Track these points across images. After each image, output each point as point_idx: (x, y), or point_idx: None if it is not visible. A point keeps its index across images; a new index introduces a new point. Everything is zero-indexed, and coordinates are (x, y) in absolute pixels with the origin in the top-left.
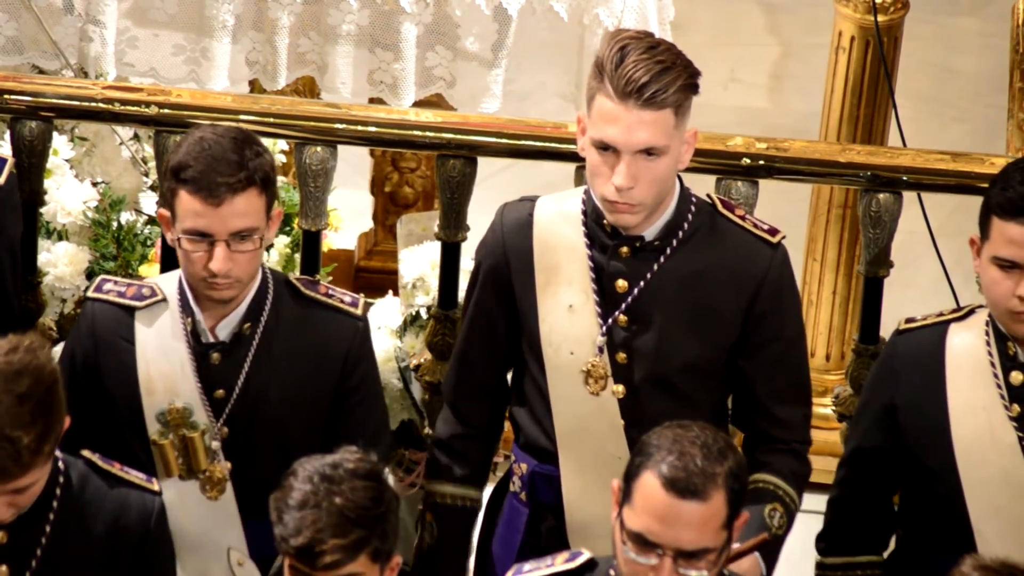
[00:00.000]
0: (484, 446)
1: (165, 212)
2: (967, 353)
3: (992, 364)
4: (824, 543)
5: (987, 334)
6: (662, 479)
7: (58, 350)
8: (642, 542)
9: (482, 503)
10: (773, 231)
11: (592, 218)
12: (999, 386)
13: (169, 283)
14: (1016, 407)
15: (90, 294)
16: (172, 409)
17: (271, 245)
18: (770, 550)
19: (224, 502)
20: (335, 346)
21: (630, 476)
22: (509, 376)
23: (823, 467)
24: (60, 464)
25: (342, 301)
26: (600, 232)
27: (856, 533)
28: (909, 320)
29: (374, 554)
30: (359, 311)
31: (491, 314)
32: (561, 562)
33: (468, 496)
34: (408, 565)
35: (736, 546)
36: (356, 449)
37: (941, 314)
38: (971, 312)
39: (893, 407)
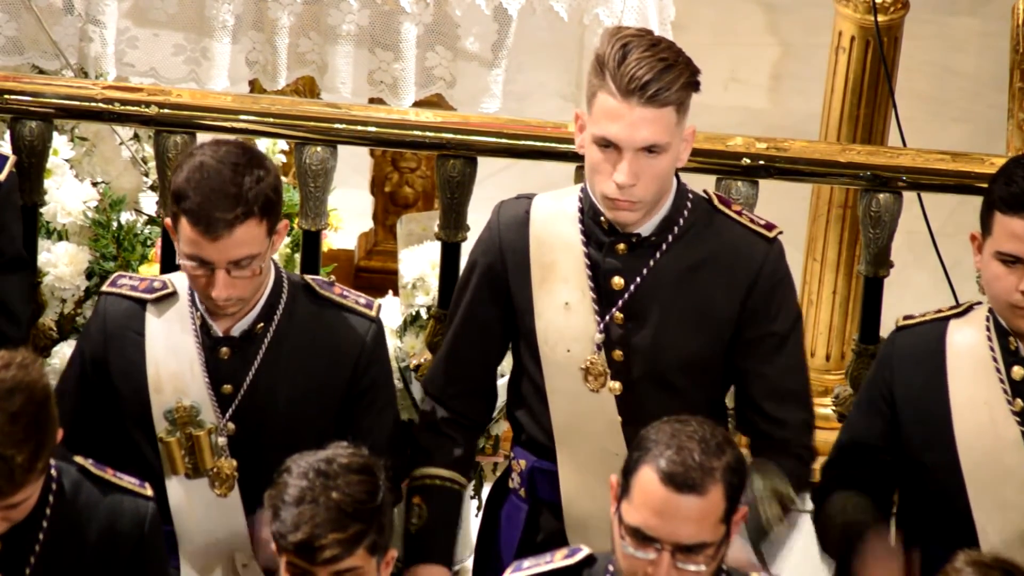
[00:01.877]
0: (472, 437)
1: (171, 224)
2: (968, 349)
3: (994, 359)
4: (818, 499)
5: (988, 329)
6: (660, 474)
7: (57, 350)
8: (640, 537)
9: (468, 490)
10: (770, 226)
11: (589, 215)
12: (1001, 381)
13: (181, 279)
14: (1019, 402)
15: (104, 288)
16: (179, 407)
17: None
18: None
19: (230, 502)
20: (347, 346)
21: (628, 471)
22: (504, 380)
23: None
24: (53, 472)
25: (356, 302)
26: (596, 229)
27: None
28: (907, 317)
29: (372, 547)
30: (373, 312)
31: (485, 313)
32: (560, 558)
33: (457, 480)
34: (402, 562)
35: (746, 557)
36: (347, 444)
37: (939, 311)
38: (970, 308)
39: (892, 400)
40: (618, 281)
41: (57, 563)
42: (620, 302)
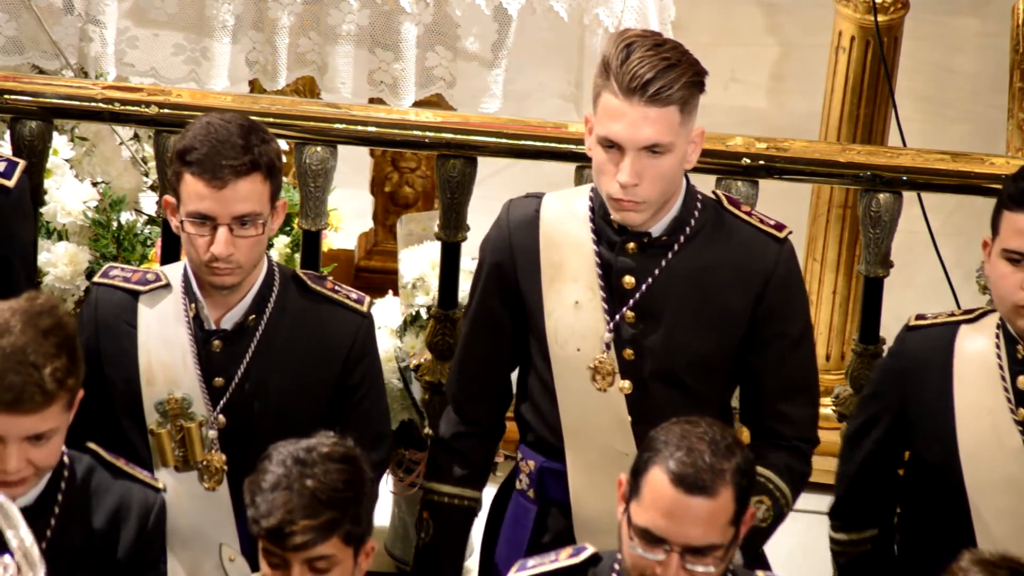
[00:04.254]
0: (486, 445)
1: (170, 198)
2: (976, 355)
3: (1000, 367)
4: (839, 520)
5: (997, 337)
6: (670, 475)
7: None
8: (649, 538)
9: (480, 503)
10: (779, 226)
11: (599, 215)
12: (1006, 389)
13: (174, 271)
14: (1022, 411)
15: (95, 279)
16: (171, 399)
17: (271, 245)
18: (752, 540)
19: (219, 496)
20: (338, 340)
21: (638, 471)
22: (513, 376)
23: (823, 467)
24: (65, 458)
25: (348, 297)
26: (607, 229)
27: (865, 507)
28: (919, 317)
29: (346, 537)
30: (364, 308)
31: (495, 312)
32: (565, 557)
33: (466, 496)
34: (409, 566)
35: None
36: (332, 434)
37: (952, 314)
38: (983, 314)
39: (899, 396)
40: (629, 280)
41: (68, 546)
42: (631, 301)
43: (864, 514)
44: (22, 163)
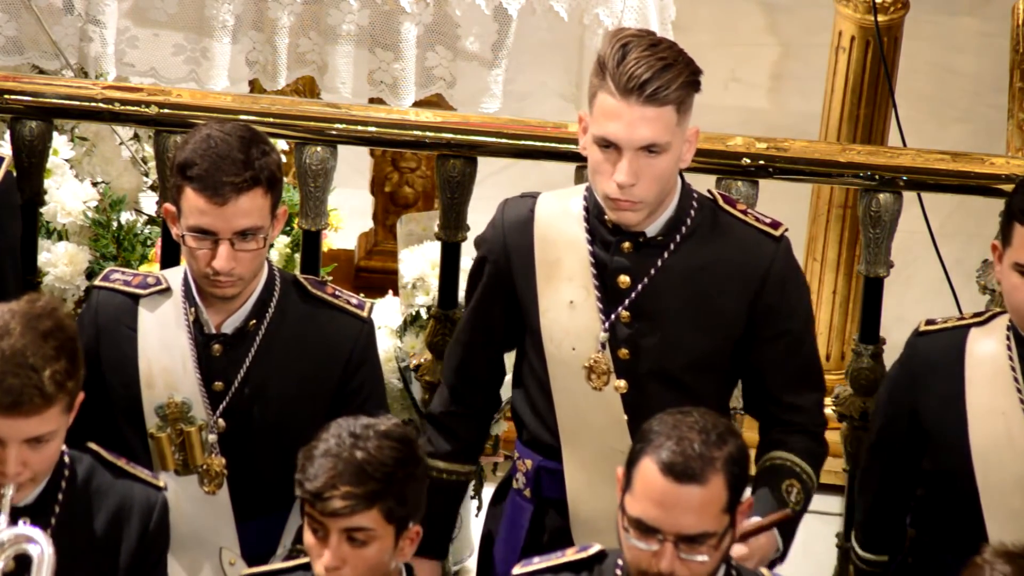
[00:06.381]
0: (477, 425)
1: (171, 207)
2: (987, 358)
3: (1012, 369)
4: (864, 538)
5: (1008, 339)
6: (660, 464)
7: None
8: (643, 528)
9: (473, 475)
10: (775, 224)
11: (594, 214)
12: (1019, 391)
13: (175, 275)
14: None
15: (96, 282)
16: (171, 403)
17: (272, 245)
18: (788, 527)
19: (219, 499)
20: (338, 345)
21: (631, 463)
22: (507, 379)
23: (825, 467)
24: (66, 458)
25: (348, 302)
26: (602, 228)
27: (888, 526)
28: (929, 322)
29: (388, 514)
30: (365, 313)
31: (491, 309)
32: (572, 554)
33: (455, 471)
34: None
35: (756, 520)
36: (393, 417)
37: (962, 318)
38: (992, 316)
39: (915, 411)
40: (624, 280)
41: (69, 546)
42: (627, 301)
43: (887, 536)
44: (7, 159)
